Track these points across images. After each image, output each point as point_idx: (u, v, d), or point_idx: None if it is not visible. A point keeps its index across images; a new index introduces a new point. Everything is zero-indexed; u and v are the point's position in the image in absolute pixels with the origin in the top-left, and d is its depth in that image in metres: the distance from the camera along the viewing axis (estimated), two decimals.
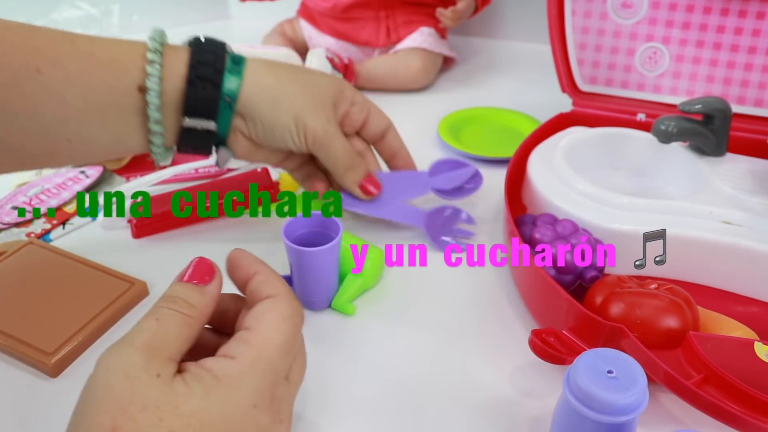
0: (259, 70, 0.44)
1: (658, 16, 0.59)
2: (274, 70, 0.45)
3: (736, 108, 0.59)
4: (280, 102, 0.44)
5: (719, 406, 0.34)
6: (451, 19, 0.85)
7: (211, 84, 0.42)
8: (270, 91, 0.44)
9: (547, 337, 0.39)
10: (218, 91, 0.42)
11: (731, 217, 0.47)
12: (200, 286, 0.32)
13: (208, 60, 0.42)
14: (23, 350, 0.41)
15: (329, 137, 0.46)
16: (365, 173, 0.50)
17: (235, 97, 0.43)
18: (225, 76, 0.42)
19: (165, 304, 0.30)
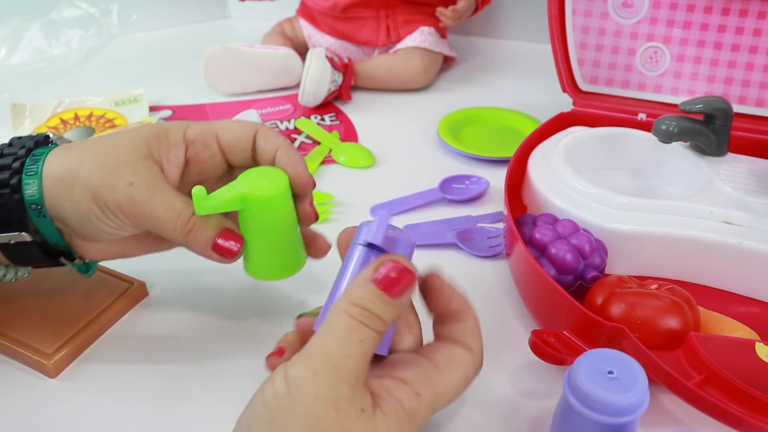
0: (53, 159, 0.37)
1: (659, 15, 0.59)
2: (69, 152, 0.37)
3: (738, 108, 0.59)
4: (73, 186, 0.36)
5: (720, 407, 0.34)
6: (452, 19, 0.85)
7: (9, 190, 0.36)
8: (63, 180, 0.36)
9: (547, 338, 0.39)
10: (20, 198, 0.36)
11: (732, 217, 0.47)
12: (396, 300, 0.29)
13: (5, 164, 0.37)
14: (23, 351, 0.41)
15: (138, 202, 0.36)
16: (216, 228, 0.37)
17: (40, 202, 0.36)
18: (23, 179, 0.36)
19: (363, 319, 0.28)
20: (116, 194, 0.35)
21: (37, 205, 0.36)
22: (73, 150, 0.37)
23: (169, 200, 0.36)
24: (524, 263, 0.45)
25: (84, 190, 0.36)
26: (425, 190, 0.61)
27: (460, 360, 0.31)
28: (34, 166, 0.36)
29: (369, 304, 0.29)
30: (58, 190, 0.36)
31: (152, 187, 0.36)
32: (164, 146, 0.38)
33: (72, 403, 0.40)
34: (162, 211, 0.36)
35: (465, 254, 0.53)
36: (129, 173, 0.36)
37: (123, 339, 0.45)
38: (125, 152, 0.36)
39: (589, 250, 0.45)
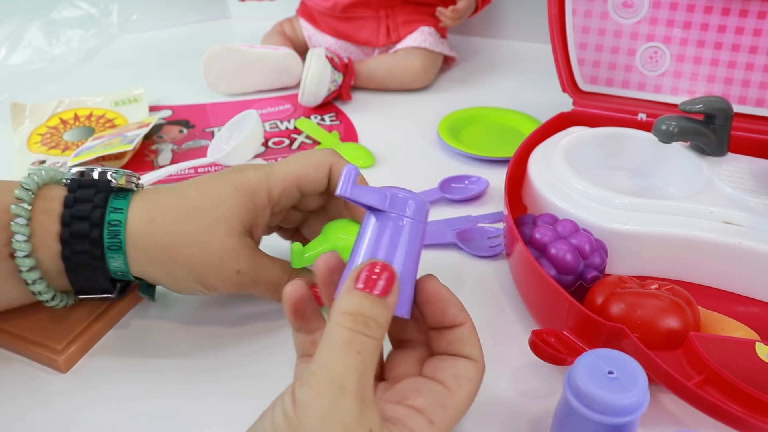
0: (136, 230, 0.37)
1: (659, 15, 0.59)
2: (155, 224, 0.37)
3: (738, 108, 0.59)
4: (174, 269, 0.38)
5: (720, 407, 0.34)
6: (452, 19, 0.85)
7: (90, 268, 0.37)
8: (157, 261, 0.37)
9: (547, 338, 0.39)
10: (104, 269, 0.38)
11: (732, 217, 0.47)
12: (383, 299, 0.29)
13: (81, 231, 0.36)
14: (33, 348, 0.42)
15: (245, 285, 0.39)
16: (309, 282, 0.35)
17: (127, 273, 0.38)
18: (106, 255, 0.37)
19: (358, 328, 0.27)
20: (223, 281, 0.38)
21: (123, 273, 0.38)
22: (160, 222, 0.37)
23: (269, 277, 0.40)
24: (524, 263, 0.45)
25: (188, 274, 0.38)
26: (425, 190, 0.61)
27: (467, 375, 0.31)
28: (115, 239, 0.37)
29: (359, 308, 0.28)
30: (152, 269, 0.38)
31: (255, 269, 0.39)
32: (253, 215, 0.39)
33: (84, 397, 0.40)
34: (265, 288, 0.40)
35: (465, 254, 0.53)
36: (234, 261, 0.38)
37: (131, 333, 0.45)
38: (224, 236, 0.37)
39: (589, 250, 0.45)
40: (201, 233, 0.37)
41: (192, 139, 0.71)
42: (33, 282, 0.37)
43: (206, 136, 0.71)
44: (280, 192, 0.39)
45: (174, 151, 0.68)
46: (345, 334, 0.27)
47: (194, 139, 0.71)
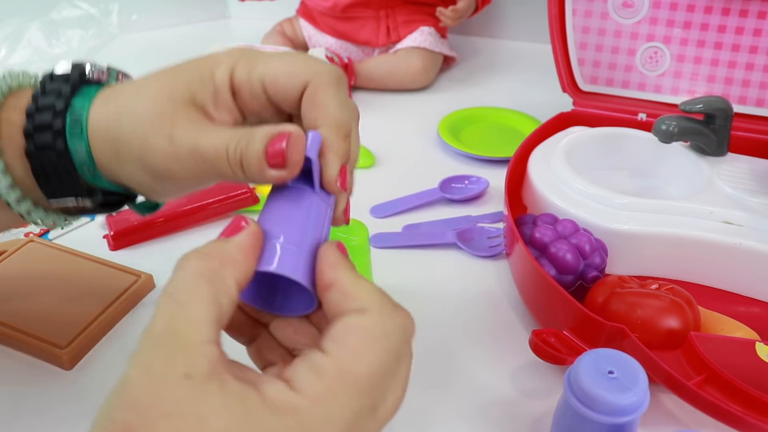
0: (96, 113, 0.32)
1: (659, 15, 0.59)
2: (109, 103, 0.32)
3: (738, 108, 0.59)
4: (118, 152, 0.32)
5: (720, 407, 0.34)
6: (452, 19, 0.85)
7: (55, 154, 0.32)
8: (107, 143, 0.32)
9: (547, 338, 0.39)
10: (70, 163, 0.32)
11: (732, 217, 0.47)
12: (224, 239, 0.26)
13: (44, 122, 0.32)
14: (38, 345, 0.42)
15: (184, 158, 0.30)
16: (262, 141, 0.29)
17: (92, 164, 0.32)
18: (68, 144, 0.32)
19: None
20: (159, 157, 0.31)
21: (90, 168, 0.32)
22: (112, 100, 0.32)
23: (213, 141, 0.30)
24: (524, 263, 0.45)
25: (129, 157, 0.31)
26: (425, 190, 0.61)
27: (346, 327, 0.25)
28: (77, 127, 0.32)
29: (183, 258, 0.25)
30: (106, 154, 0.32)
31: (194, 134, 0.30)
32: (209, 90, 0.31)
33: (89, 393, 0.41)
34: (211, 156, 0.30)
35: (465, 254, 0.53)
36: (166, 125, 0.30)
37: (134, 330, 0.45)
38: (163, 100, 0.31)
39: (589, 250, 0.45)
40: (141, 100, 0.31)
41: None
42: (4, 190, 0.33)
43: None
44: (241, 81, 0.32)
45: None
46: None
47: None
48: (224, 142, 0.30)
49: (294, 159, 0.28)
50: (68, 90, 0.33)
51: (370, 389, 0.24)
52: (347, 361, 0.24)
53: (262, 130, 0.29)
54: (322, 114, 0.30)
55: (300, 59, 0.31)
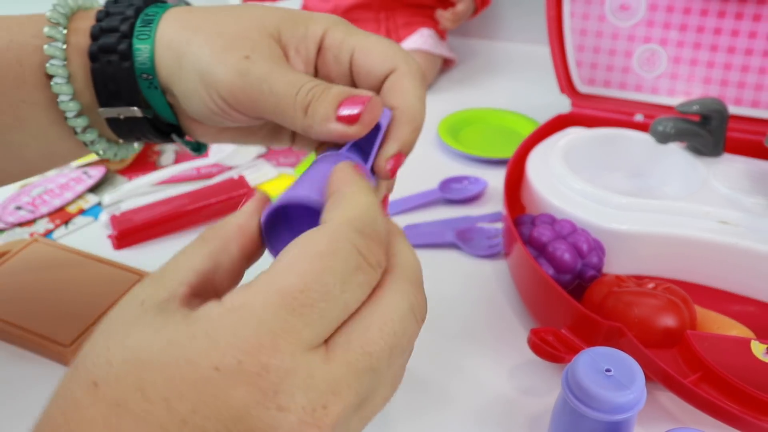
0: (168, 23, 0.32)
1: (655, 18, 0.60)
2: (187, 16, 0.32)
3: (733, 109, 0.59)
4: (182, 62, 0.31)
5: (716, 404, 0.34)
6: (451, 21, 0.85)
7: (116, 56, 0.31)
8: (174, 50, 0.31)
9: (546, 336, 0.40)
10: (130, 66, 0.31)
11: (728, 217, 0.47)
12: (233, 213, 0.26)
13: (112, 26, 0.31)
14: (42, 343, 0.42)
15: (254, 77, 0.29)
16: (338, 96, 0.29)
17: (152, 71, 0.31)
18: (133, 44, 0.31)
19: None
20: (228, 71, 0.29)
21: (149, 74, 0.31)
22: (192, 16, 0.31)
23: (289, 75, 0.29)
24: (523, 263, 0.45)
25: (192, 69, 0.30)
26: (425, 190, 0.61)
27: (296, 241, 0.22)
28: (146, 28, 0.31)
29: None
30: (170, 61, 0.31)
31: (271, 62, 0.30)
32: (298, 35, 0.31)
33: None
34: (281, 85, 0.29)
35: (464, 254, 0.53)
36: (247, 47, 0.30)
37: None
38: (249, 27, 0.30)
39: (587, 250, 0.46)
40: (225, 22, 0.31)
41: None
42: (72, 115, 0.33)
43: None
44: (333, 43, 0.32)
45: (177, 152, 0.69)
46: None
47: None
48: (299, 81, 0.29)
49: (367, 119, 0.28)
50: (140, 1, 0.33)
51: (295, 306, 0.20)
52: (276, 271, 0.21)
53: (339, 86, 0.29)
54: (402, 99, 0.30)
55: (395, 46, 0.32)
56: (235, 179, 0.60)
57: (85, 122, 0.33)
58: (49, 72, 0.31)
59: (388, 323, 0.22)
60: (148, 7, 0.33)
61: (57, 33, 0.31)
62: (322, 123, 0.28)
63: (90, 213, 0.58)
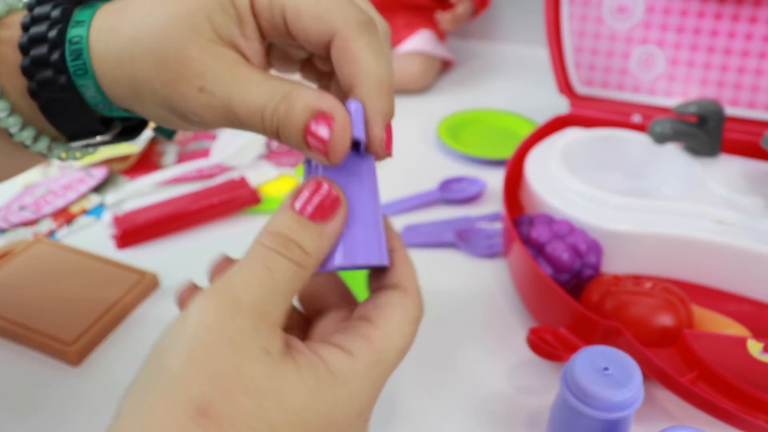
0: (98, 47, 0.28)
1: (653, 20, 0.60)
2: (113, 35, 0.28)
3: (730, 110, 0.60)
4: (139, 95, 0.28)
5: (713, 403, 0.35)
6: (450, 23, 0.85)
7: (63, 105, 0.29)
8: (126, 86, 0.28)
9: (544, 335, 0.40)
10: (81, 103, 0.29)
11: (725, 217, 0.48)
12: (319, 226, 0.24)
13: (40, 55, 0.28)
14: (45, 341, 0.43)
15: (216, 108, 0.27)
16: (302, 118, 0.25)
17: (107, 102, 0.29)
18: (75, 81, 0.28)
19: (275, 246, 0.24)
20: (189, 104, 0.27)
21: (105, 105, 0.29)
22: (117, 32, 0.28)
23: (248, 99, 0.26)
24: (522, 262, 0.45)
25: (153, 101, 0.28)
26: (425, 190, 0.62)
27: (390, 303, 0.26)
28: (78, 61, 0.28)
29: (283, 228, 0.24)
30: (123, 94, 0.28)
31: (227, 86, 0.26)
32: (233, 20, 0.27)
33: (95, 389, 0.41)
34: (244, 114, 0.26)
35: (464, 254, 0.54)
36: (196, 74, 0.26)
37: (139, 328, 0.46)
38: (183, 40, 0.26)
39: (585, 250, 0.46)
40: (156, 38, 0.27)
41: (196, 140, 0.72)
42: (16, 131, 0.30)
43: (210, 137, 0.72)
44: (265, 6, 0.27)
45: (179, 152, 0.69)
46: (258, 251, 0.24)
47: (198, 140, 0.72)
48: (260, 103, 0.26)
49: (338, 149, 0.25)
50: (59, 14, 0.28)
51: (399, 362, 0.26)
52: (393, 334, 0.25)
53: (301, 97, 0.25)
54: (357, 71, 0.26)
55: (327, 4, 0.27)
56: (237, 180, 0.60)
57: (32, 133, 0.30)
58: None
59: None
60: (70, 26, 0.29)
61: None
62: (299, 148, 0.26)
63: (93, 213, 0.59)
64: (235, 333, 0.21)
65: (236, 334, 0.21)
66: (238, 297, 0.22)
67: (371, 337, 0.25)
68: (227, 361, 0.21)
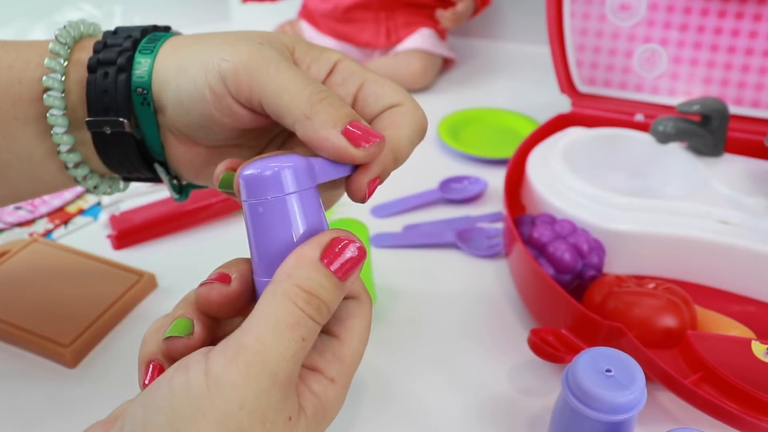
0: (174, 41, 0.31)
1: (656, 18, 0.60)
2: (192, 39, 0.31)
3: (734, 109, 0.59)
4: (186, 66, 0.30)
5: (716, 405, 0.34)
6: (451, 21, 0.85)
7: (115, 68, 0.31)
8: (175, 60, 0.30)
9: (546, 336, 0.40)
10: (126, 79, 0.31)
11: (728, 217, 0.47)
12: (342, 283, 0.24)
13: (116, 42, 0.31)
14: (41, 343, 0.42)
15: (260, 57, 0.28)
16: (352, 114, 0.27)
17: (148, 86, 0.30)
18: (135, 58, 0.31)
19: (311, 313, 0.23)
20: (236, 51, 0.28)
21: (144, 89, 0.30)
22: (199, 38, 0.31)
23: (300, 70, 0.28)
24: (523, 263, 0.45)
25: (197, 60, 0.29)
26: (425, 190, 0.61)
27: (350, 314, 0.26)
28: (150, 44, 0.31)
29: (320, 290, 0.23)
30: (169, 71, 0.30)
31: (283, 56, 0.28)
32: (313, 54, 0.30)
33: (92, 390, 0.41)
34: (290, 73, 0.27)
35: (464, 254, 0.53)
36: (259, 39, 0.29)
37: (137, 329, 0.46)
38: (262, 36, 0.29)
39: (587, 250, 0.46)
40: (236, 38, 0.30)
41: None
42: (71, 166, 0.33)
43: None
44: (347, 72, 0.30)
45: None
46: (294, 314, 0.23)
47: None
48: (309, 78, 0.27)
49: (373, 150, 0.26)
50: (138, 33, 0.32)
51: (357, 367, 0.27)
52: (358, 347, 0.26)
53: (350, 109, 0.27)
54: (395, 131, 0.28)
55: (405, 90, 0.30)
56: None
57: (71, 141, 0.32)
58: (45, 84, 0.31)
59: None
60: (150, 33, 0.32)
61: (61, 50, 0.31)
62: (326, 125, 0.26)
63: (89, 213, 0.58)
64: (270, 412, 0.22)
65: (270, 413, 0.22)
66: (276, 373, 0.22)
67: (342, 357, 0.26)
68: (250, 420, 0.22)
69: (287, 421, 0.23)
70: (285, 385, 0.23)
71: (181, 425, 0.21)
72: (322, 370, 0.25)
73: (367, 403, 0.40)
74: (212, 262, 0.38)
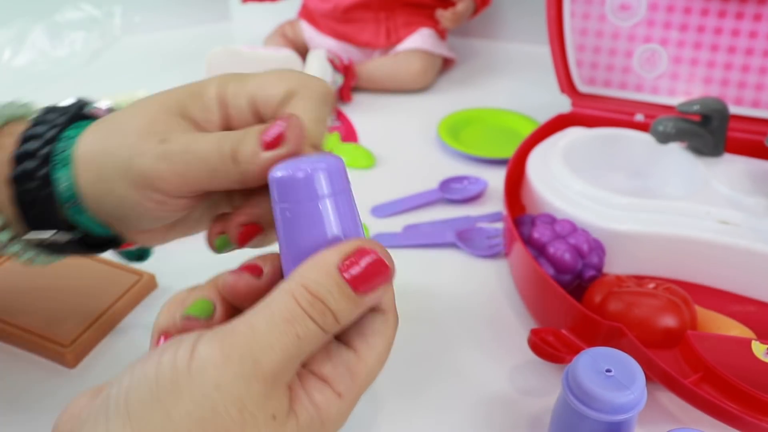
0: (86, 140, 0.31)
1: (656, 18, 0.60)
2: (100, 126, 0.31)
3: (734, 109, 0.59)
4: (102, 167, 0.30)
5: (717, 405, 0.34)
6: (451, 21, 0.85)
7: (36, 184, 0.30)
8: (93, 168, 0.30)
9: (546, 337, 0.40)
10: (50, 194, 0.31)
11: (729, 217, 0.47)
12: (359, 297, 0.24)
13: (31, 148, 0.31)
14: (41, 343, 0.42)
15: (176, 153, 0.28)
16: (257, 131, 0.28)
17: (74, 198, 0.31)
18: (52, 173, 0.30)
19: (312, 313, 0.23)
20: (149, 161, 0.28)
21: (73, 201, 0.31)
22: (105, 123, 0.31)
23: (207, 137, 0.29)
24: (523, 263, 0.45)
25: (116, 175, 0.29)
26: (425, 190, 0.61)
27: (374, 330, 0.26)
28: (64, 153, 0.30)
29: (326, 295, 0.23)
30: (91, 177, 0.30)
31: (188, 136, 0.29)
32: (200, 105, 0.31)
33: None
34: (202, 147, 0.28)
35: (464, 254, 0.53)
36: (160, 132, 0.29)
37: (136, 329, 0.46)
38: (155, 115, 0.30)
39: (587, 250, 0.46)
40: (133, 116, 0.30)
41: None
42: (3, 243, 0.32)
43: None
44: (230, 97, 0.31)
45: None
46: (292, 310, 0.22)
47: None
48: (218, 139, 0.28)
49: (291, 135, 0.27)
50: (63, 120, 0.32)
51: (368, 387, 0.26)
52: (375, 365, 0.25)
53: (257, 126, 0.28)
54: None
55: (294, 72, 0.30)
56: None
57: (7, 236, 0.32)
58: None
59: None
60: (68, 129, 0.32)
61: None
62: (253, 160, 0.27)
63: None
64: (248, 400, 0.21)
65: (249, 401, 0.21)
66: (259, 360, 0.22)
67: (356, 373, 0.25)
68: (234, 423, 0.21)
69: (270, 419, 0.22)
70: (270, 378, 0.22)
71: (162, 396, 0.21)
72: (331, 381, 0.24)
73: (367, 402, 0.40)
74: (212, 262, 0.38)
